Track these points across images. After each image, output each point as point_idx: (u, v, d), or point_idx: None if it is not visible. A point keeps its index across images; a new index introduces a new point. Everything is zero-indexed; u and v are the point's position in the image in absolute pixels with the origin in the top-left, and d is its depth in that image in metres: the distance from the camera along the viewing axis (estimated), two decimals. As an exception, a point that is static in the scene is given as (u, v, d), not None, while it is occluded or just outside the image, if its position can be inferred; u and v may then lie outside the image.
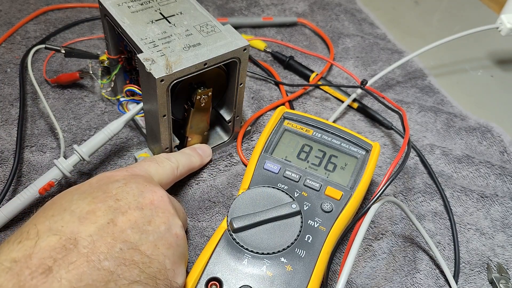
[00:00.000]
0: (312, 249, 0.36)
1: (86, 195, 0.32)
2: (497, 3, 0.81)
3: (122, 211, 0.31)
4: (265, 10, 0.71)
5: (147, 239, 0.31)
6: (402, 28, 0.74)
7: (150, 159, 0.40)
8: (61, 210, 0.30)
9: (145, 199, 0.33)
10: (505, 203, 0.48)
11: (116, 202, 0.31)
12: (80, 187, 0.33)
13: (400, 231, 0.45)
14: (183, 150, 0.45)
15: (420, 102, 0.59)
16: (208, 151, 0.47)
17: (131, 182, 0.34)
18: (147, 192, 0.33)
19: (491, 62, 0.70)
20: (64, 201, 0.31)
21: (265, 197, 0.39)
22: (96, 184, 0.33)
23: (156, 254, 0.31)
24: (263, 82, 0.59)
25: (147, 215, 0.32)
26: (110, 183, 0.33)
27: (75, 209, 0.30)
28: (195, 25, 0.42)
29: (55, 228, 0.28)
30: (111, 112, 0.52)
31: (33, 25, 0.62)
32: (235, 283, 0.34)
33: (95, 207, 0.30)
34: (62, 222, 0.29)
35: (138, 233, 0.31)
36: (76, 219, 0.29)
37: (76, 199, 0.31)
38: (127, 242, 0.30)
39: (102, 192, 0.32)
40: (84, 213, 0.30)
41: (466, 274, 0.42)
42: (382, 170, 0.50)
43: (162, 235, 0.32)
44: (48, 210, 0.30)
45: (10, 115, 0.51)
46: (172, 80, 0.38)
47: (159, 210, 0.33)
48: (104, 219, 0.30)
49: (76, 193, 0.32)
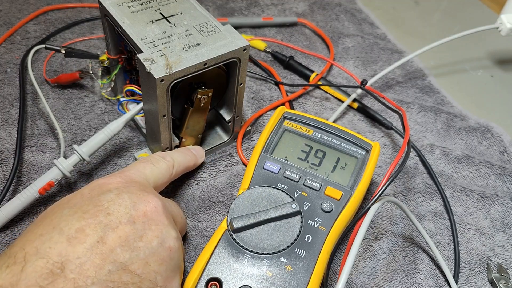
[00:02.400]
0: (312, 249, 0.36)
1: (76, 209, 0.30)
2: (497, 3, 0.81)
3: (113, 226, 0.30)
4: (265, 10, 0.71)
5: (137, 256, 0.30)
6: (402, 28, 0.74)
7: (145, 159, 0.39)
8: (50, 228, 0.29)
9: (137, 211, 0.32)
10: (505, 203, 0.48)
11: (107, 216, 0.30)
12: (71, 199, 0.32)
13: (400, 231, 0.45)
14: (177, 149, 0.45)
15: (420, 102, 0.59)
16: (201, 153, 0.47)
17: (124, 192, 0.32)
18: (140, 203, 0.32)
19: (491, 62, 0.70)
20: (54, 217, 0.30)
21: (265, 197, 0.39)
22: (88, 195, 0.32)
23: (147, 272, 0.30)
24: (263, 82, 0.59)
25: (138, 230, 0.31)
26: (102, 194, 0.32)
27: (64, 226, 0.29)
28: (195, 25, 0.42)
29: (43, 251, 0.27)
30: (111, 112, 0.52)
31: (33, 25, 0.62)
32: (235, 283, 0.34)
33: (85, 223, 0.29)
34: (50, 242, 0.28)
35: (128, 251, 0.29)
36: (64, 239, 0.28)
37: (66, 215, 0.30)
38: (116, 262, 0.29)
39: (93, 206, 0.31)
40: (73, 232, 0.29)
41: (466, 274, 0.42)
42: (382, 170, 0.50)
43: (154, 251, 0.31)
44: (38, 227, 0.29)
45: (10, 115, 0.51)
46: (172, 80, 0.38)
47: (152, 223, 0.32)
48: (93, 238, 0.29)
49: (66, 206, 0.31)
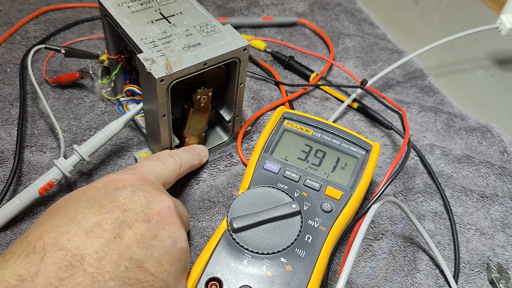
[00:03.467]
0: (312, 249, 0.36)
1: (93, 202, 0.30)
2: (497, 3, 0.81)
3: (129, 223, 0.30)
4: (265, 10, 0.71)
5: (152, 255, 0.30)
6: (402, 28, 0.74)
7: (154, 157, 0.40)
8: (68, 219, 0.29)
9: (152, 210, 0.32)
10: (505, 203, 0.48)
11: (123, 213, 0.30)
12: (86, 192, 0.32)
13: (400, 231, 0.45)
14: (184, 148, 0.45)
15: (420, 102, 0.59)
16: (205, 152, 0.47)
17: (139, 190, 0.32)
18: (154, 202, 0.32)
19: (491, 62, 0.70)
20: (70, 209, 0.30)
21: (265, 197, 0.39)
22: (103, 189, 0.32)
23: (159, 271, 0.30)
24: (263, 82, 0.59)
25: (153, 229, 0.31)
26: (118, 190, 0.32)
27: (81, 219, 0.29)
28: (195, 25, 0.42)
29: (61, 243, 0.27)
30: (111, 112, 0.52)
31: (33, 25, 0.62)
32: (235, 283, 0.34)
33: (102, 218, 0.29)
34: (68, 235, 0.28)
35: (143, 249, 0.30)
36: (82, 232, 0.28)
37: (83, 207, 0.30)
38: (132, 259, 0.29)
39: (110, 201, 0.31)
40: (91, 225, 0.29)
41: (466, 274, 0.42)
42: (382, 170, 0.50)
43: (167, 251, 0.31)
44: (54, 218, 0.29)
45: (10, 115, 0.51)
46: (172, 80, 0.38)
47: (165, 223, 0.32)
48: (110, 233, 0.29)
49: (82, 199, 0.31)
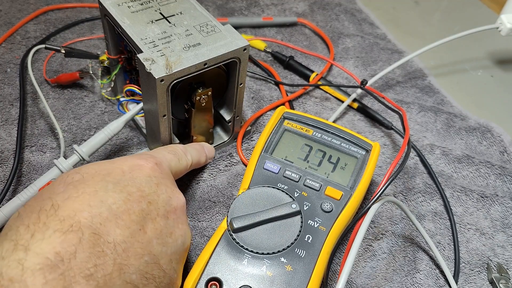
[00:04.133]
0: (312, 249, 0.36)
1: (121, 187, 0.29)
2: (497, 3, 0.81)
3: (152, 217, 0.30)
4: (265, 10, 0.71)
5: (166, 252, 0.30)
6: (402, 28, 0.74)
7: (171, 151, 0.39)
8: (98, 201, 0.28)
9: (171, 206, 0.32)
10: (505, 203, 0.48)
11: (148, 205, 0.30)
12: (112, 172, 0.31)
13: (400, 231, 0.45)
14: (195, 146, 0.44)
15: (420, 102, 0.59)
16: (212, 154, 0.47)
17: (162, 184, 0.32)
18: (173, 199, 0.32)
19: (491, 62, 0.70)
20: (99, 188, 0.29)
21: (265, 197, 0.39)
22: (129, 174, 0.31)
23: (169, 269, 0.30)
24: (263, 82, 0.59)
25: (170, 226, 0.31)
26: (144, 178, 0.31)
27: (111, 204, 0.28)
28: (195, 25, 0.42)
29: (95, 226, 0.26)
30: (111, 112, 0.52)
31: (33, 25, 0.62)
32: (235, 283, 0.34)
33: (130, 207, 0.29)
34: (100, 218, 0.27)
35: (161, 245, 0.29)
36: (113, 218, 0.27)
37: (111, 190, 0.29)
38: (151, 254, 0.28)
39: (137, 189, 0.30)
40: (120, 213, 0.28)
41: (466, 274, 0.42)
42: (382, 170, 0.50)
43: (177, 249, 0.31)
44: (83, 195, 0.28)
45: (10, 115, 0.51)
46: (172, 80, 0.38)
47: (179, 221, 0.32)
48: (136, 224, 0.28)
49: (110, 180, 0.30)
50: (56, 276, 0.23)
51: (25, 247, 0.24)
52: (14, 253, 0.24)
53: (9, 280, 0.22)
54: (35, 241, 0.24)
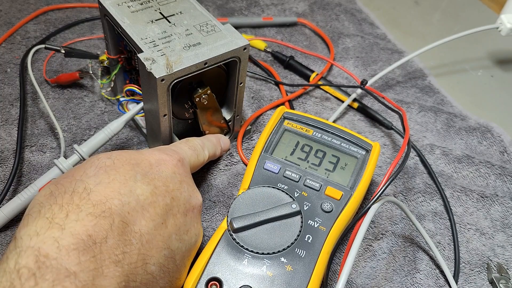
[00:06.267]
0: (312, 249, 0.36)
1: (148, 180, 0.30)
2: (497, 3, 0.81)
3: (173, 213, 0.30)
4: (265, 10, 0.71)
5: (180, 248, 0.30)
6: (402, 28, 0.74)
7: (191, 147, 0.39)
8: (128, 189, 0.28)
9: (190, 204, 0.32)
10: (505, 203, 0.48)
11: (172, 201, 0.30)
12: (140, 163, 0.31)
13: (400, 231, 0.45)
14: (211, 139, 0.44)
15: (420, 102, 0.59)
16: (227, 146, 0.47)
17: (184, 182, 0.33)
18: (193, 198, 0.33)
19: (491, 62, 0.70)
20: (129, 177, 0.29)
21: (265, 197, 0.39)
22: (156, 167, 0.31)
23: (181, 265, 0.30)
24: (263, 82, 0.59)
25: (187, 224, 0.31)
26: (169, 174, 0.32)
27: (140, 195, 0.28)
28: (195, 24, 0.42)
29: (124, 214, 0.27)
30: (111, 112, 0.52)
31: (33, 25, 0.62)
32: (235, 283, 0.34)
33: (156, 200, 0.29)
34: (128, 207, 0.27)
35: (178, 240, 0.30)
36: (140, 209, 0.28)
37: (140, 181, 0.29)
38: (169, 249, 0.29)
39: (162, 183, 0.31)
40: (147, 204, 0.28)
41: (466, 274, 0.42)
42: (382, 170, 0.50)
43: (190, 247, 0.32)
44: (114, 182, 0.28)
45: (10, 115, 0.51)
46: (173, 80, 0.38)
47: (195, 220, 0.33)
48: (160, 218, 0.29)
49: (138, 171, 0.30)
50: (88, 258, 0.24)
51: (61, 226, 0.24)
52: (49, 230, 0.24)
53: (45, 256, 0.23)
54: (70, 221, 0.24)
